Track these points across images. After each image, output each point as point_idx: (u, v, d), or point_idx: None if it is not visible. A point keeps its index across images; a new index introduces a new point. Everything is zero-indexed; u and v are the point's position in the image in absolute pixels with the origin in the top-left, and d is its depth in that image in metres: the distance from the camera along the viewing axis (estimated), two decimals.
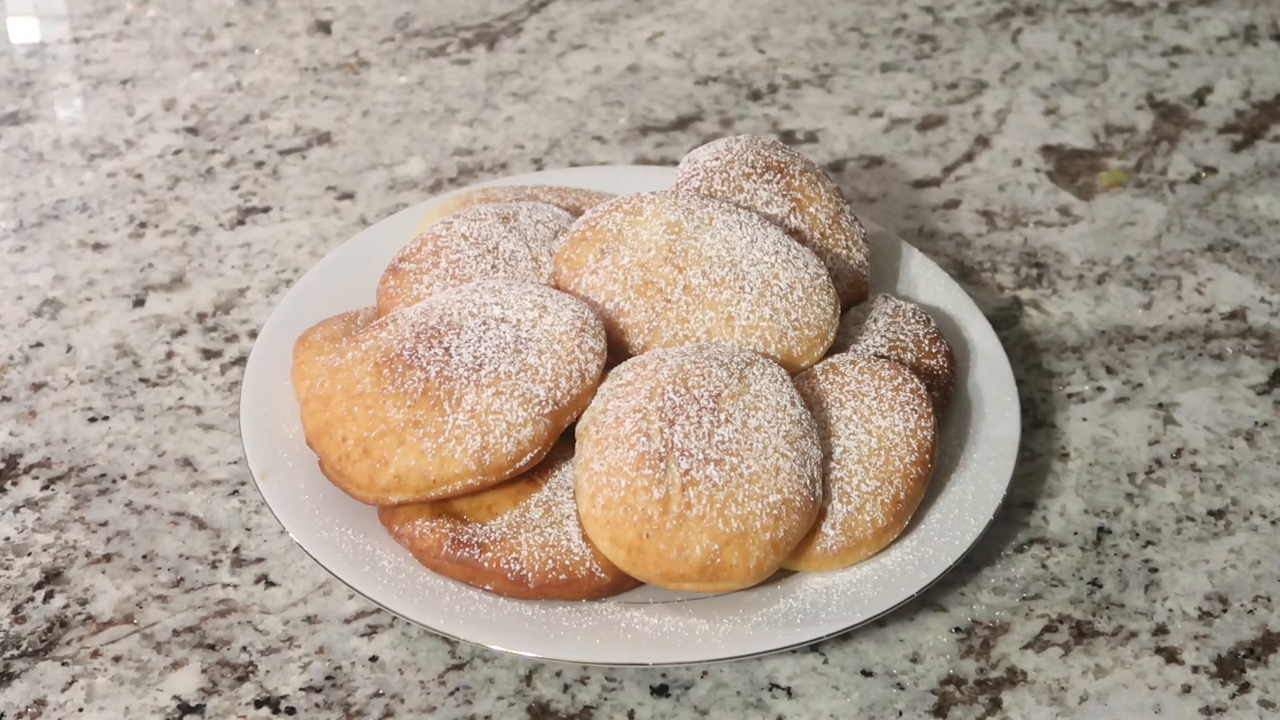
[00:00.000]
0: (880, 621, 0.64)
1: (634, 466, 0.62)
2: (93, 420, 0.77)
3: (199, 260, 0.89)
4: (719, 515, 0.61)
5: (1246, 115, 1.04)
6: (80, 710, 0.62)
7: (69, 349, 0.82)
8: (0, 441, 0.76)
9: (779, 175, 0.76)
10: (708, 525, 0.61)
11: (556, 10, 1.17)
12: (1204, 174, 0.97)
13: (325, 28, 1.15)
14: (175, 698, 0.63)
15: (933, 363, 0.73)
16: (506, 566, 0.62)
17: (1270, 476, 0.74)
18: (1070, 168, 0.98)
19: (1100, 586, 0.68)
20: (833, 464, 0.65)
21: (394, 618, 0.65)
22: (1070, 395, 0.79)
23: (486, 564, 0.62)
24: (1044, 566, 0.69)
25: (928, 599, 0.66)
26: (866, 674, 0.64)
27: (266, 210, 0.93)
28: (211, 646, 0.65)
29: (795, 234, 0.74)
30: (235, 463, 0.74)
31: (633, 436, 0.62)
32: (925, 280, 0.81)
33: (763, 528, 0.61)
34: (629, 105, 1.04)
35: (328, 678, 0.64)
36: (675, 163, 0.97)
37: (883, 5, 1.18)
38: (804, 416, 0.65)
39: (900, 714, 0.62)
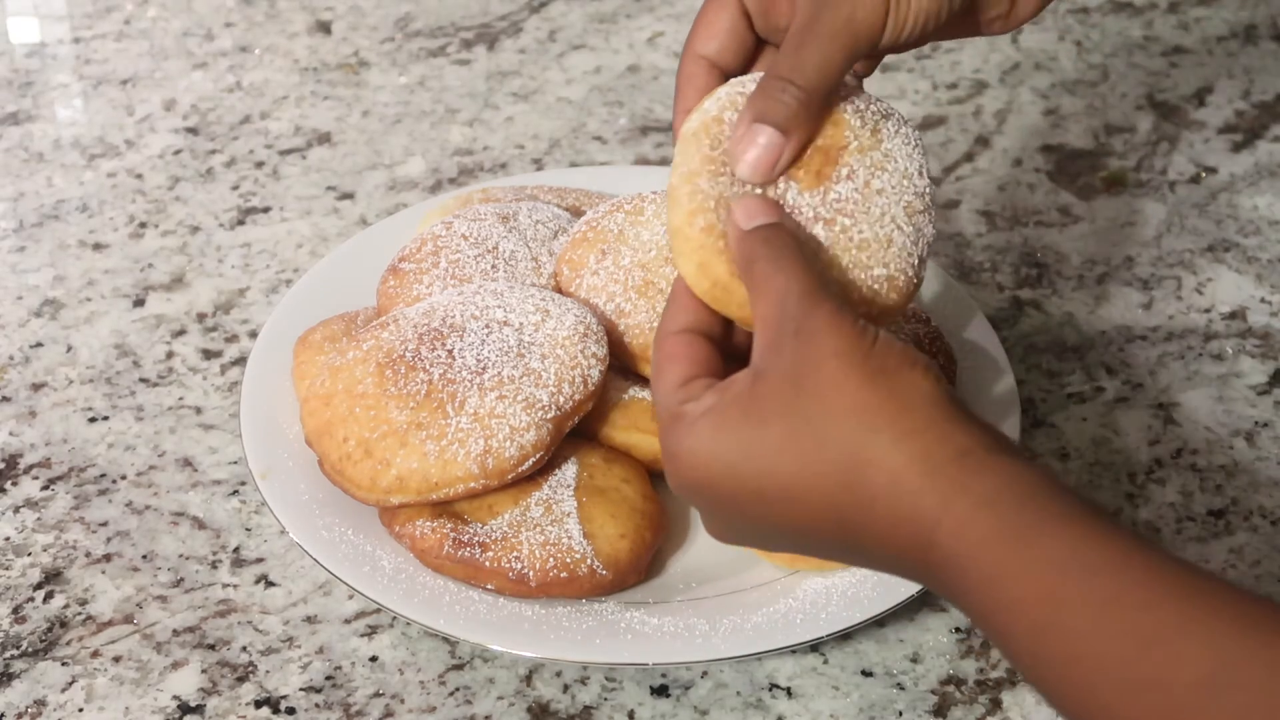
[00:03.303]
0: (880, 621, 0.64)
1: None
2: (93, 420, 0.77)
3: (199, 260, 0.89)
4: None
5: (1246, 115, 1.04)
6: (80, 710, 0.62)
7: (69, 349, 0.82)
8: (0, 441, 0.76)
9: None
10: None
11: (556, 10, 1.17)
12: (1204, 174, 0.97)
13: (325, 28, 1.15)
14: (175, 698, 0.63)
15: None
16: (508, 565, 0.62)
17: (1270, 476, 0.74)
18: (1070, 168, 0.98)
19: None
20: None
21: (394, 618, 0.65)
22: (1070, 395, 0.79)
23: (488, 563, 0.62)
24: None
25: (928, 599, 0.66)
26: (866, 674, 0.64)
27: (266, 210, 0.93)
28: (211, 646, 0.65)
29: None
30: (235, 463, 0.74)
31: None
32: (925, 280, 0.81)
33: (859, 300, 0.56)
34: (629, 105, 1.04)
35: (328, 678, 0.64)
36: None
37: None
38: (928, 190, 0.58)
39: (900, 714, 0.62)
